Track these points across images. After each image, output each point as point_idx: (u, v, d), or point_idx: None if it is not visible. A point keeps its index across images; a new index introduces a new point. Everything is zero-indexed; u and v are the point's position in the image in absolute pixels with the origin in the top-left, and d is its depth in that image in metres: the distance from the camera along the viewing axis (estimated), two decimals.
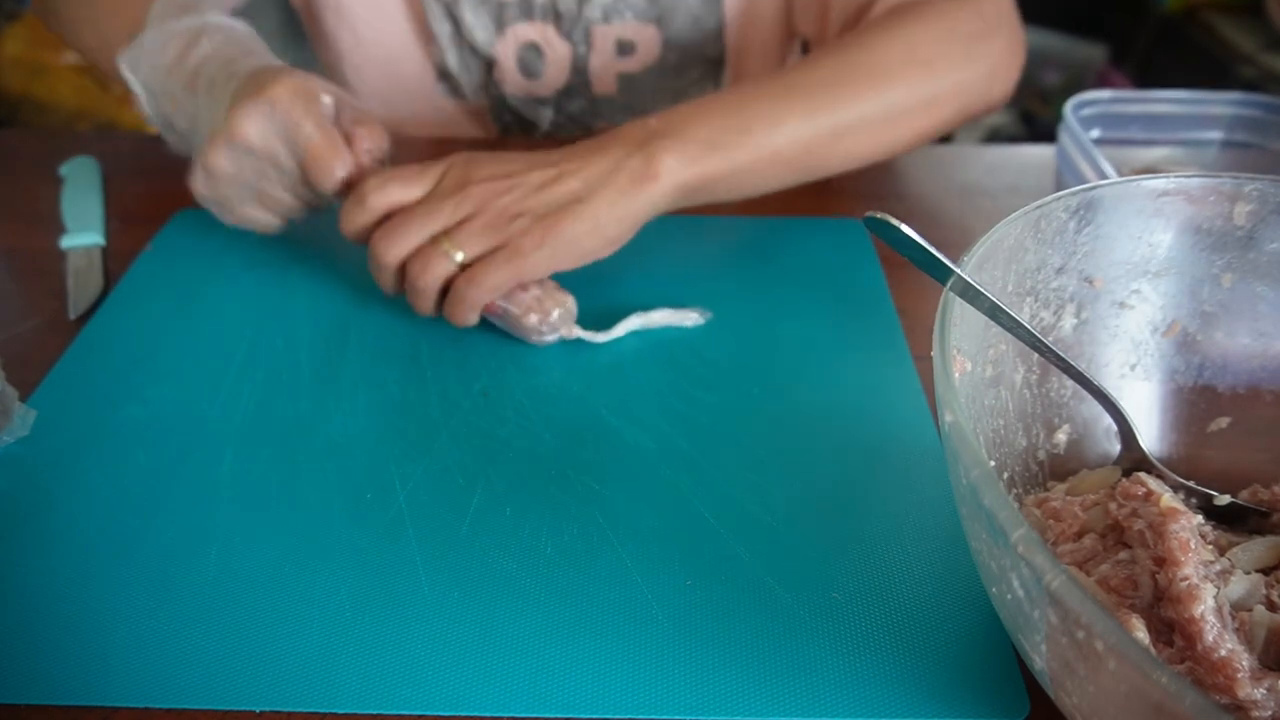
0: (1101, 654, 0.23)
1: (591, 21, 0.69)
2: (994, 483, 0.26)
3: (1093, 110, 0.62)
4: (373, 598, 0.37)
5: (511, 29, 0.70)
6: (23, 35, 1.59)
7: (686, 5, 0.69)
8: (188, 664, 0.35)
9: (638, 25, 0.69)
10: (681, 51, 0.71)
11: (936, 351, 0.30)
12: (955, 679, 0.34)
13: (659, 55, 0.71)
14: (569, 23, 0.69)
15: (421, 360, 0.49)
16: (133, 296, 0.54)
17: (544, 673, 0.34)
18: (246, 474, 0.43)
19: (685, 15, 0.69)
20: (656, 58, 0.71)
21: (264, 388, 0.47)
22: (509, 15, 0.69)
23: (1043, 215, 0.36)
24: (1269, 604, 0.32)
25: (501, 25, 0.70)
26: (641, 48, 0.71)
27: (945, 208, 0.64)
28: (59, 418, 0.45)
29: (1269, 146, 0.62)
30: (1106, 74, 1.96)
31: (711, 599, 0.37)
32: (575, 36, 0.70)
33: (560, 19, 0.69)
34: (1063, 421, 0.40)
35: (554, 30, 0.70)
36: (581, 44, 0.70)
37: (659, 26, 0.70)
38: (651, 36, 0.70)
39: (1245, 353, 0.40)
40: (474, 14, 0.69)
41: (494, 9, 0.69)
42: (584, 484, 0.42)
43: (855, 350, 0.50)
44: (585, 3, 0.68)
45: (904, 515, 0.41)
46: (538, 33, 0.70)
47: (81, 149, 0.68)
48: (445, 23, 0.70)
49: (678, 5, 0.69)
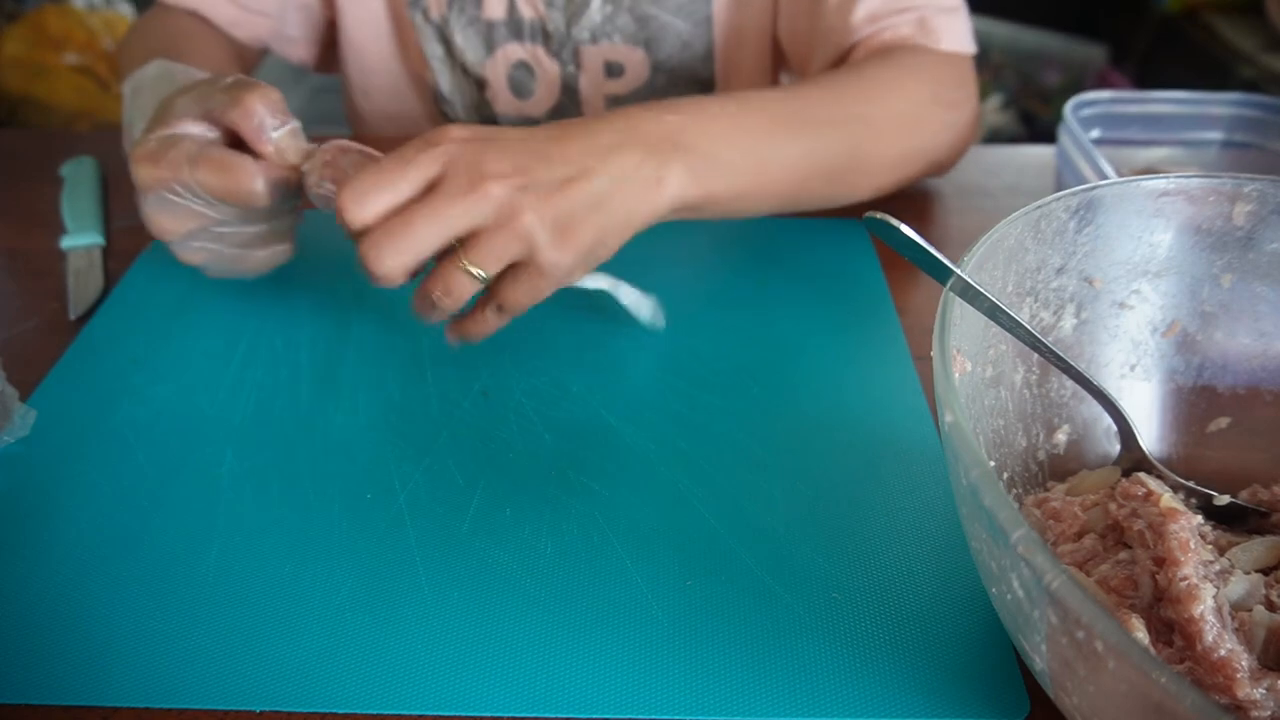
0: (1101, 654, 0.23)
1: (580, 42, 0.69)
2: (994, 483, 0.26)
3: (1093, 110, 0.62)
4: (373, 598, 0.37)
5: (501, 49, 0.70)
6: (23, 35, 1.59)
7: (675, 29, 0.69)
8: (188, 664, 0.35)
9: (626, 48, 0.69)
10: (670, 74, 0.71)
11: (936, 351, 0.30)
12: (955, 679, 0.34)
13: (647, 78, 0.71)
14: (558, 43, 0.69)
15: (421, 360, 0.49)
16: (133, 296, 0.54)
17: (544, 673, 0.34)
18: (246, 474, 0.43)
19: (674, 39, 0.69)
20: (645, 80, 0.71)
21: (264, 388, 0.47)
22: (498, 36, 0.70)
23: (1043, 215, 0.36)
24: (1269, 604, 0.32)
25: (491, 46, 0.70)
26: (630, 70, 0.70)
27: (945, 208, 0.64)
28: (59, 418, 0.45)
29: (1269, 146, 0.62)
30: (1106, 74, 1.96)
31: (711, 599, 0.37)
32: (564, 56, 0.70)
33: (549, 39, 0.69)
34: (1063, 421, 0.40)
35: (543, 50, 0.70)
36: (570, 64, 0.70)
37: (647, 49, 0.69)
38: (640, 59, 0.70)
39: (1245, 353, 0.40)
40: (463, 35, 0.70)
41: (483, 29, 0.69)
42: (584, 484, 0.42)
43: (855, 350, 0.50)
44: (573, 23, 0.68)
45: (904, 515, 0.41)
46: (528, 53, 0.70)
47: (81, 149, 0.68)
48: (438, 45, 0.71)
49: (666, 28, 0.69)
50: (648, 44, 0.69)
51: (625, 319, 0.51)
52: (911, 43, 0.58)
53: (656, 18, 0.68)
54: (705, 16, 0.69)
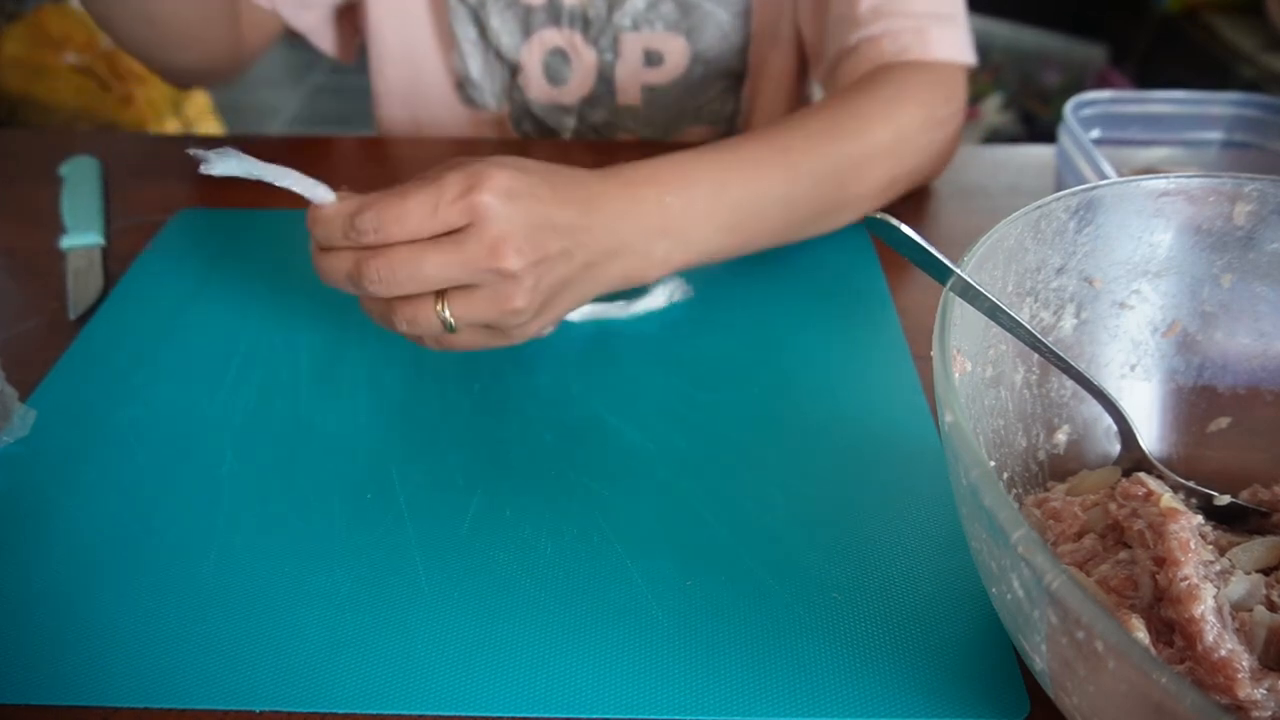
0: (1101, 654, 0.23)
1: (620, 29, 0.69)
2: (994, 483, 0.26)
3: (1093, 110, 0.62)
4: (373, 598, 0.37)
5: (538, 34, 0.70)
6: (23, 35, 1.59)
7: (717, 19, 0.69)
8: (188, 664, 0.35)
9: (667, 35, 0.70)
10: (707, 65, 0.71)
11: (936, 351, 0.30)
12: (955, 679, 0.34)
13: (685, 68, 0.71)
14: (597, 29, 0.69)
15: (421, 360, 0.49)
16: (133, 296, 0.54)
17: (544, 673, 0.34)
18: (246, 474, 0.43)
19: (715, 29, 0.70)
20: (683, 70, 0.71)
21: (264, 388, 0.47)
22: (536, 21, 0.69)
23: (1043, 215, 0.36)
24: (1269, 604, 0.32)
25: (528, 30, 0.70)
26: (670, 59, 0.71)
27: (945, 208, 0.64)
28: (59, 418, 0.45)
29: (1269, 146, 0.62)
30: (1106, 74, 1.96)
31: (711, 599, 0.37)
32: (603, 44, 0.70)
33: (589, 25, 0.69)
34: (1063, 422, 0.40)
35: (581, 37, 0.70)
36: (609, 51, 0.70)
37: (688, 38, 0.70)
38: (680, 48, 0.70)
39: (1245, 353, 0.40)
40: (500, 19, 0.69)
41: (521, 14, 0.69)
42: (584, 484, 0.42)
43: (855, 350, 0.50)
44: (615, 9, 0.68)
45: (904, 515, 0.41)
46: (564, 39, 0.70)
47: (81, 149, 0.68)
48: (471, 27, 0.71)
49: (708, 18, 0.69)
50: (689, 33, 0.70)
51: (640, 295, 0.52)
52: (906, 58, 0.59)
53: (699, 6, 0.69)
54: (745, 8, 0.69)
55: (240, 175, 0.39)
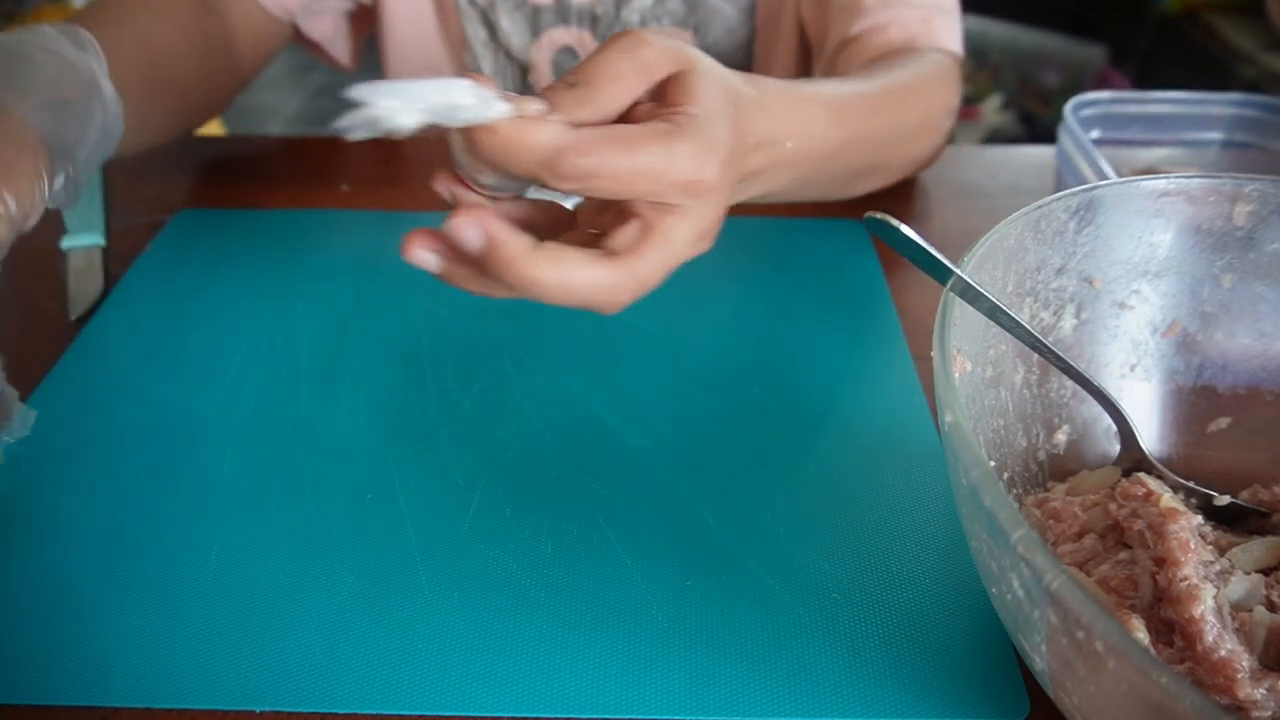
0: (1101, 654, 0.23)
1: (629, 25, 0.69)
2: (994, 483, 0.26)
3: (1093, 111, 0.62)
4: (373, 598, 0.37)
5: (547, 34, 0.70)
6: None
7: (723, 14, 0.69)
8: (188, 664, 0.35)
9: (674, 31, 0.70)
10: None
11: (936, 351, 0.30)
12: (955, 679, 0.34)
13: None
14: (605, 26, 0.69)
15: (421, 360, 0.49)
16: (133, 297, 0.54)
17: (544, 673, 0.34)
18: (246, 474, 0.43)
19: (721, 24, 0.70)
20: None
21: (264, 388, 0.47)
22: (544, 20, 0.70)
23: (1043, 215, 0.36)
24: (1269, 604, 0.32)
25: (537, 30, 0.70)
26: None
27: (945, 208, 0.64)
28: (59, 418, 0.45)
29: (1269, 147, 0.62)
30: (1106, 74, 1.97)
31: (711, 599, 0.37)
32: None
33: (597, 23, 0.69)
34: (1063, 422, 0.40)
35: (590, 35, 0.70)
36: None
37: (695, 34, 0.70)
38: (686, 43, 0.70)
39: (1245, 353, 0.40)
40: (509, 19, 0.70)
41: (529, 14, 0.70)
42: (584, 484, 0.42)
43: (855, 350, 0.50)
44: (623, 6, 0.68)
45: (904, 515, 0.41)
46: (573, 37, 0.70)
47: None
48: (480, 28, 0.71)
49: (715, 13, 0.69)
50: (696, 28, 0.70)
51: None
52: (920, 43, 0.59)
53: (706, 2, 0.69)
54: (750, 3, 0.69)
55: (395, 126, 0.32)
